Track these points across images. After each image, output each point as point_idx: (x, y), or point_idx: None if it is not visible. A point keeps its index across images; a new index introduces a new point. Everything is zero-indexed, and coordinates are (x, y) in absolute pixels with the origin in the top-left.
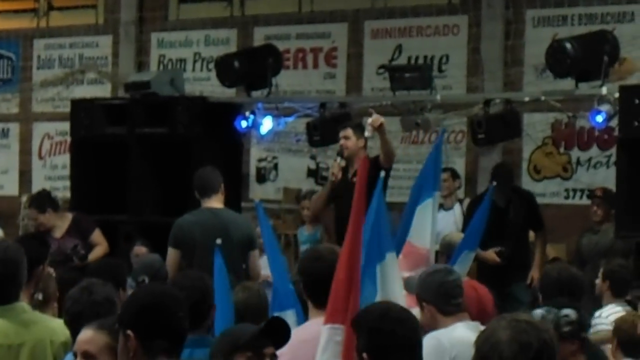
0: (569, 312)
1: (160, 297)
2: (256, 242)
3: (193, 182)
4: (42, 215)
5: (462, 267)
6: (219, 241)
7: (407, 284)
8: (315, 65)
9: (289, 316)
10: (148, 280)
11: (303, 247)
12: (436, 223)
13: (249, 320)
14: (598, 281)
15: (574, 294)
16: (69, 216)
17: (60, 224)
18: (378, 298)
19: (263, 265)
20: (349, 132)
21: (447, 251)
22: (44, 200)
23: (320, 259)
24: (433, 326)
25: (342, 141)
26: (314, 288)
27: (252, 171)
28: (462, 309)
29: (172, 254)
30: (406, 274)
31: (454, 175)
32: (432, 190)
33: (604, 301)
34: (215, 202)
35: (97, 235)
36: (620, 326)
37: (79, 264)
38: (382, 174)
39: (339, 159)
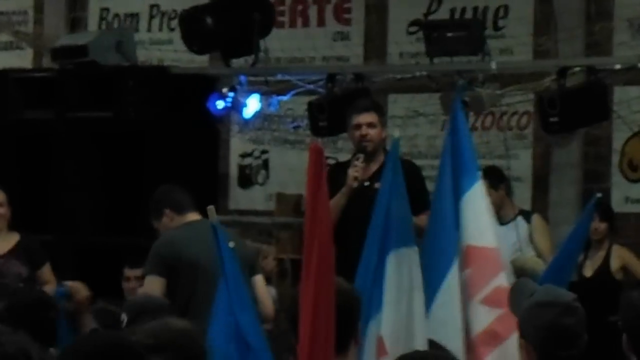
0: None
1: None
2: (260, 266)
3: (159, 198)
4: (5, 207)
5: None
6: (232, 244)
7: (516, 292)
8: (321, 22)
9: None
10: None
11: None
12: (491, 212)
13: None
14: None
15: None
16: (15, 235)
17: (2, 238)
18: (386, 296)
19: None
20: (372, 116)
21: None
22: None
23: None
24: None
25: (363, 129)
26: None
27: (233, 171)
28: None
29: (155, 284)
30: (488, 288)
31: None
32: (474, 171)
33: None
34: (198, 216)
35: (47, 271)
36: None
37: None
38: (396, 134)
39: (361, 157)
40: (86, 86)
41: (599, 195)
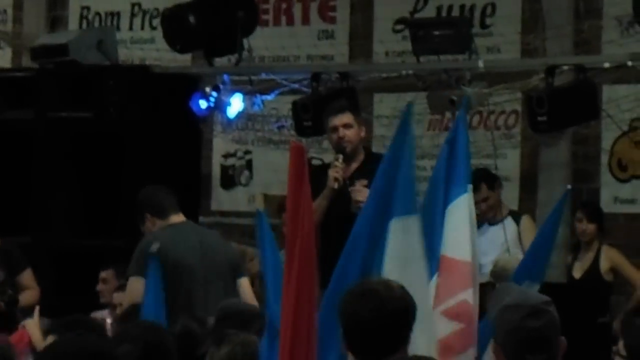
0: None
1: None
2: (246, 268)
3: (140, 202)
4: None
5: None
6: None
7: (495, 298)
8: (306, 21)
9: None
10: None
11: None
12: (475, 227)
13: None
14: None
15: None
16: None
17: None
18: (388, 265)
19: None
20: (348, 117)
21: (499, 281)
22: None
23: (367, 295)
24: None
25: (340, 131)
26: (356, 337)
27: (216, 171)
28: None
29: (140, 285)
30: (452, 301)
31: (492, 177)
32: (464, 183)
33: None
34: (182, 217)
35: (27, 277)
36: None
37: (2, 308)
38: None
39: (340, 157)
40: (66, 86)
41: (569, 187)
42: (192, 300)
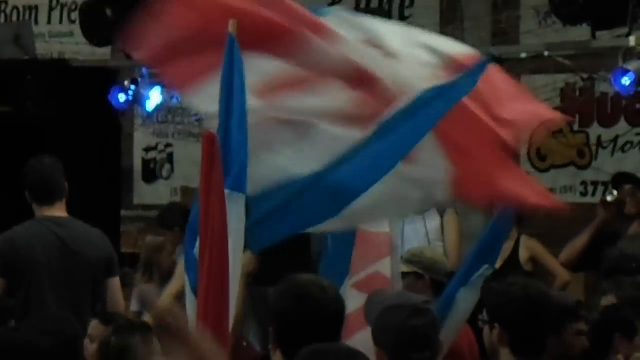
0: None
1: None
2: (117, 268)
3: (24, 181)
4: None
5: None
6: None
7: (369, 309)
8: None
9: None
10: None
11: None
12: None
13: None
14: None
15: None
16: None
17: None
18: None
19: None
20: None
21: (430, 273)
22: None
23: (307, 297)
24: None
25: None
26: (291, 338)
27: (137, 165)
28: None
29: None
30: (363, 273)
31: None
32: None
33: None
34: (59, 211)
35: None
36: None
37: None
38: None
39: None
40: None
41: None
42: (47, 301)
